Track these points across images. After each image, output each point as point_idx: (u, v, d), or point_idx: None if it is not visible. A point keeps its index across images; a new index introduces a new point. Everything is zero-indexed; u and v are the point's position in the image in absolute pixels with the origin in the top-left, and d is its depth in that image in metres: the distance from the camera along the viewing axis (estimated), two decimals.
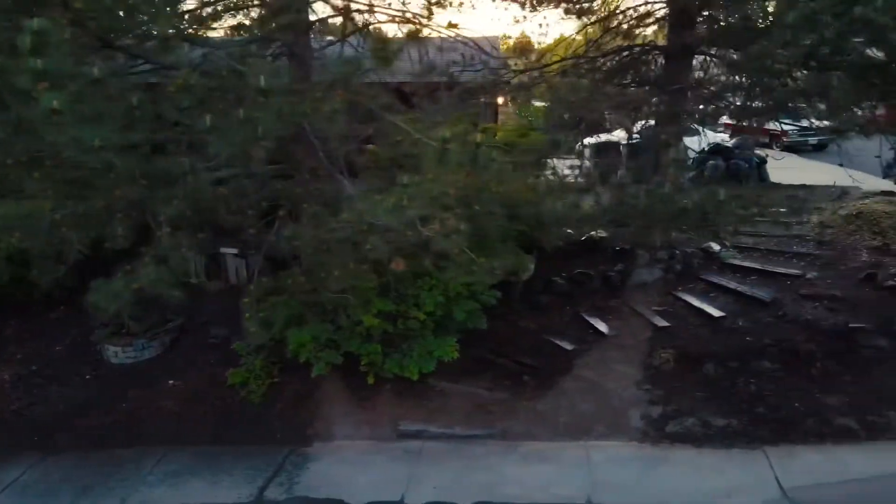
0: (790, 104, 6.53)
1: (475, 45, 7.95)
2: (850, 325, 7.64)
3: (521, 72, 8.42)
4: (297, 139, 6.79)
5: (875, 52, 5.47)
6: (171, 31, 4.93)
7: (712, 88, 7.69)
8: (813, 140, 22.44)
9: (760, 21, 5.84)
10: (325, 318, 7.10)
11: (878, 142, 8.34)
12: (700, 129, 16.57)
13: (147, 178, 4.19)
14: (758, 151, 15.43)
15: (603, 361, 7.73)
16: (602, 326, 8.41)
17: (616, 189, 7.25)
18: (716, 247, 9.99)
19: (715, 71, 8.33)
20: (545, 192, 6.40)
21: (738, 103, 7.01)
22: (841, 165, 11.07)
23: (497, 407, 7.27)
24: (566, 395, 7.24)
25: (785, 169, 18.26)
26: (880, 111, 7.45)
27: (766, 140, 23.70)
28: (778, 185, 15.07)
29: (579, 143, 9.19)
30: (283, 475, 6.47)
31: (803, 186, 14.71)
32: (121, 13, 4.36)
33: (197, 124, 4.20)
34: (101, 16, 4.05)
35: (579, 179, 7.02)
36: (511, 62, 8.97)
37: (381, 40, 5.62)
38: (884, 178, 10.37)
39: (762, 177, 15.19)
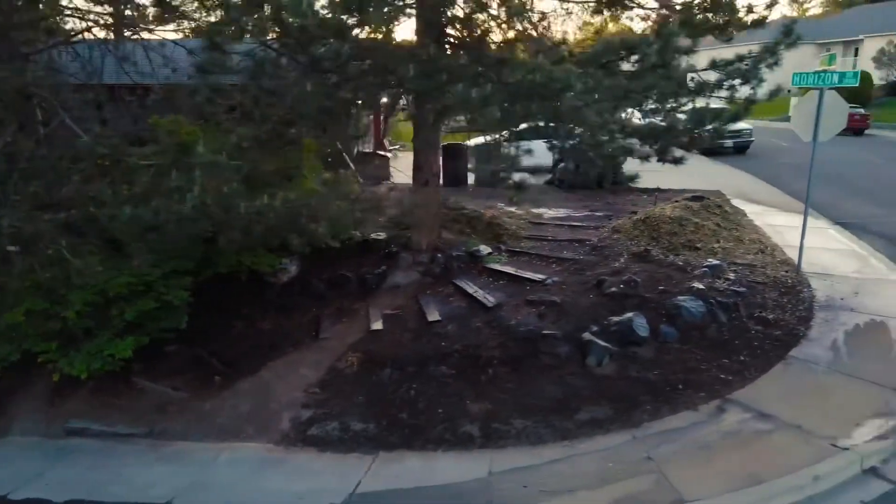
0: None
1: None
2: (543, 331, 7.56)
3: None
4: None
5: None
6: None
7: None
8: (729, 143, 22.11)
9: None
10: None
11: None
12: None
13: None
14: None
15: (296, 363, 7.78)
16: (326, 330, 8.44)
17: None
18: (485, 250, 9.94)
19: None
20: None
21: None
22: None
23: (174, 406, 7.37)
24: (237, 397, 7.30)
25: (675, 172, 18.02)
26: None
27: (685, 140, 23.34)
28: (632, 188, 14.88)
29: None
30: None
31: (657, 189, 14.56)
32: None
33: None
34: None
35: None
36: None
37: None
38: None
39: (618, 179, 14.99)
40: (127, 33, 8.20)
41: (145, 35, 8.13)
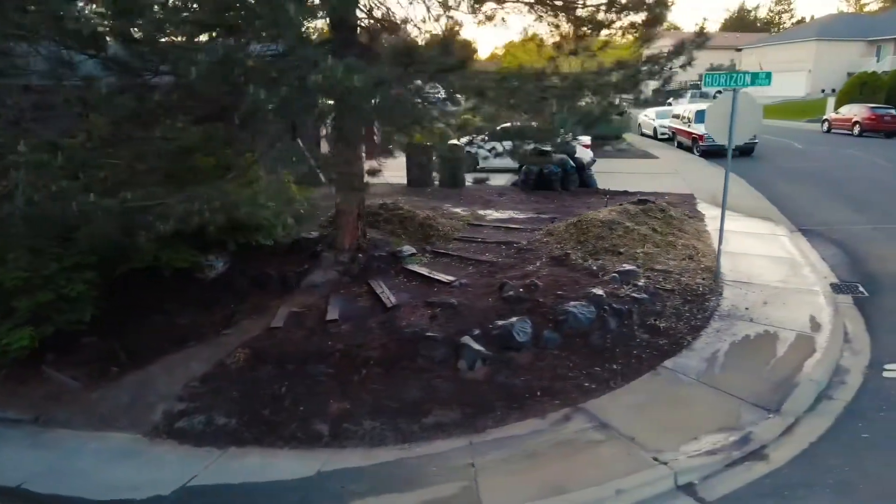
0: None
1: None
2: (426, 333, 7.55)
3: None
4: None
5: None
6: None
7: None
8: None
9: None
10: None
11: None
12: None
13: None
14: (580, 156, 14.95)
15: (189, 358, 7.96)
16: (232, 326, 8.63)
17: None
18: (408, 251, 9.95)
19: None
20: None
21: None
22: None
23: (68, 395, 7.65)
24: (122, 388, 7.54)
25: (660, 174, 17.68)
26: None
27: (689, 142, 22.87)
28: (597, 191, 14.60)
29: None
30: None
31: (624, 193, 14.29)
32: None
33: None
34: None
35: None
36: None
37: None
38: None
39: (585, 181, 14.73)
40: None
41: None
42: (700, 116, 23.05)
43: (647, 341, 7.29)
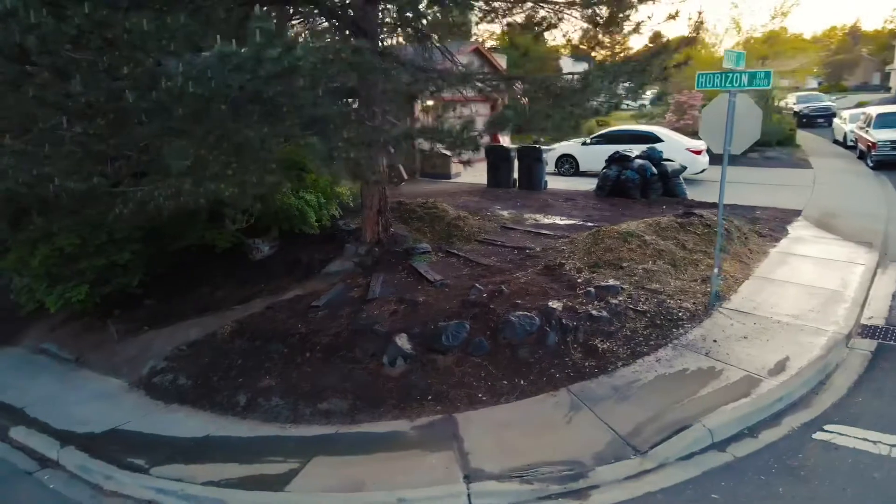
0: None
1: None
2: (374, 327, 7.91)
3: None
4: None
5: None
6: None
7: None
8: None
9: None
10: None
11: None
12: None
13: None
14: (669, 163, 13.70)
15: (195, 325, 9.20)
16: (244, 302, 9.76)
17: None
18: (422, 248, 10.27)
19: None
20: None
21: None
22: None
23: (106, 343, 9.38)
24: (137, 344, 9.02)
25: (794, 187, 15.62)
26: None
27: (864, 150, 19.72)
28: (682, 201, 13.20)
29: None
30: None
31: (713, 205, 12.92)
32: None
33: None
34: None
35: None
36: None
37: None
38: None
39: (670, 190, 13.50)
40: None
41: None
42: (881, 121, 19.59)
43: (575, 361, 6.84)
